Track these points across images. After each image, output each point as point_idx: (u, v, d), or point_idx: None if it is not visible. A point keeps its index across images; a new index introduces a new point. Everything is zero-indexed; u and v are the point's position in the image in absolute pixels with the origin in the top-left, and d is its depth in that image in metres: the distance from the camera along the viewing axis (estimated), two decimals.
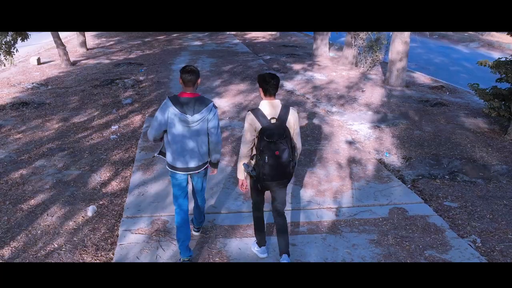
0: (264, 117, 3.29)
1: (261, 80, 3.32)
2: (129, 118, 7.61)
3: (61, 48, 11.79)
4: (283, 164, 3.28)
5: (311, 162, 5.81)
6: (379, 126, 7.45)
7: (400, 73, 10.65)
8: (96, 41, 17.07)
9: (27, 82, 9.98)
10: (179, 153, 3.47)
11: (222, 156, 5.89)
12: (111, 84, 9.95)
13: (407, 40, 10.43)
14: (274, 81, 3.29)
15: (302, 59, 13.96)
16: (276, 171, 3.30)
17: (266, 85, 3.30)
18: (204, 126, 3.45)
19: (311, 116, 7.80)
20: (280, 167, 3.29)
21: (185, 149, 3.46)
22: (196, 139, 3.46)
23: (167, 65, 12.31)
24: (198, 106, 3.37)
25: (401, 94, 9.76)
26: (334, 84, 10.50)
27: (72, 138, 6.61)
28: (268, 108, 3.32)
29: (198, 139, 3.47)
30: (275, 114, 3.31)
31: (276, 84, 3.31)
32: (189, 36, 19.12)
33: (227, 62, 13.00)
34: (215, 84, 10.00)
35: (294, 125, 3.41)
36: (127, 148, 6.23)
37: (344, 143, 6.51)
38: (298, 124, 3.48)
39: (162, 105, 3.44)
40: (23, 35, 9.70)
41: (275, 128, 3.27)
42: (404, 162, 6.02)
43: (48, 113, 7.79)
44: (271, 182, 3.37)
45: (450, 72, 13.43)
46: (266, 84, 3.30)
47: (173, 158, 3.51)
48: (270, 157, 3.24)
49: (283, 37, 19.75)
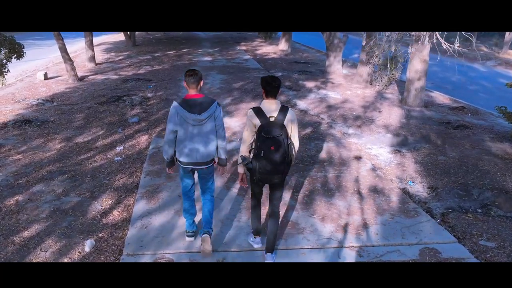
0: (264, 115, 3.56)
1: (263, 82, 3.61)
2: (135, 138, 7.23)
3: (68, 63, 11.55)
4: (278, 159, 3.55)
5: (329, 192, 5.35)
6: (399, 151, 6.98)
7: (419, 93, 10.20)
8: (105, 56, 16.88)
9: (32, 98, 9.70)
10: (188, 149, 3.77)
11: (232, 183, 5.47)
12: (118, 101, 9.63)
13: (426, 58, 10.02)
14: (275, 83, 3.59)
15: (314, 76, 13.59)
16: (271, 165, 3.56)
17: (268, 87, 3.59)
18: (212, 123, 3.76)
19: (327, 139, 7.36)
20: (275, 162, 3.55)
21: (194, 145, 3.76)
22: (204, 136, 3.77)
23: (176, 81, 11.99)
24: (205, 105, 3.69)
25: (420, 115, 9.30)
26: (349, 104, 10.07)
27: (74, 160, 6.24)
28: (268, 107, 3.60)
29: (206, 136, 3.77)
30: (274, 113, 3.58)
31: (277, 86, 3.60)
32: (199, 51, 18.90)
33: (237, 78, 12.66)
34: (226, 102, 9.63)
35: (291, 124, 3.65)
36: (131, 172, 5.83)
37: (364, 170, 6.05)
38: (296, 124, 3.73)
39: (171, 108, 3.75)
40: (18, 53, 9.17)
41: (273, 125, 3.54)
42: (430, 192, 5.53)
43: (51, 131, 7.44)
44: (266, 176, 3.63)
45: (468, 91, 12.95)
46: (268, 86, 3.59)
47: (183, 154, 3.80)
48: (266, 152, 3.51)
49: (295, 53, 19.46)
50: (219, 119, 3.81)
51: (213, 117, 3.74)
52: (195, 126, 3.71)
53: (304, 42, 25.14)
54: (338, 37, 14.68)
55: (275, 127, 3.53)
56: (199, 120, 3.69)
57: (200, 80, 3.74)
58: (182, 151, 3.79)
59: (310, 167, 6.09)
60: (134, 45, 20.04)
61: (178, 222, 4.53)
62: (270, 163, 3.55)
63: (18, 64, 14.50)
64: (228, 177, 5.66)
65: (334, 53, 14.75)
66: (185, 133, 3.74)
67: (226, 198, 5.11)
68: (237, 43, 23.40)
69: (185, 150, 3.77)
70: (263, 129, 3.53)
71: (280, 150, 3.54)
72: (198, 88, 3.75)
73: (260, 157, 3.55)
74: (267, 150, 3.51)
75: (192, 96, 3.73)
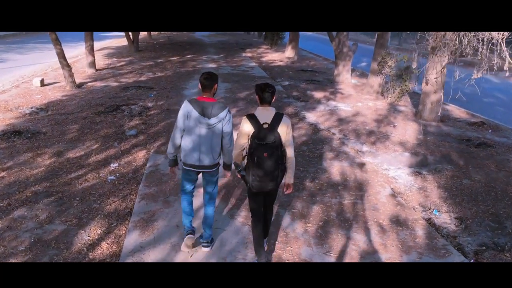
0: (257, 122, 3.55)
1: (258, 89, 3.61)
2: (131, 153, 6.67)
3: (66, 69, 11.04)
4: (271, 165, 3.53)
5: (346, 223, 4.76)
6: (420, 173, 6.38)
7: (435, 107, 9.62)
8: (107, 61, 16.39)
9: (26, 106, 9.16)
10: (194, 151, 3.74)
11: (236, 210, 4.89)
12: (116, 110, 9.08)
13: (444, 70, 9.44)
14: (269, 90, 3.57)
15: (323, 86, 13.04)
16: (263, 172, 3.53)
17: (262, 94, 3.58)
18: (219, 129, 3.71)
19: (340, 157, 6.77)
20: (268, 168, 3.53)
21: (199, 148, 3.73)
22: (211, 140, 3.72)
23: (179, 90, 11.46)
24: (215, 110, 3.64)
25: (437, 130, 8.71)
26: (361, 117, 9.49)
27: (64, 178, 5.67)
28: (262, 114, 3.59)
29: (213, 140, 3.73)
30: (268, 120, 3.55)
31: (271, 93, 3.58)
32: (203, 58, 18.40)
33: (243, 87, 12.12)
34: None
35: (285, 132, 3.60)
36: (125, 195, 5.25)
37: (383, 196, 5.46)
38: (290, 132, 3.67)
39: (182, 107, 3.72)
40: None
41: (267, 132, 3.52)
42: (459, 224, 4.93)
43: (41, 145, 6.89)
44: (260, 182, 3.58)
45: (484, 104, 12.32)
46: (262, 93, 3.58)
47: (187, 155, 3.77)
48: (259, 158, 3.49)
49: (301, 61, 18.93)
50: (228, 126, 3.75)
51: (222, 122, 3.69)
52: (203, 129, 3.68)
53: (311, 50, 24.64)
54: (347, 46, 14.14)
55: (269, 134, 3.52)
56: (208, 124, 3.66)
57: (214, 84, 3.72)
58: (187, 152, 3.76)
59: (323, 191, 5.50)
60: (137, 51, 19.56)
61: (176, 259, 3.95)
62: (263, 169, 3.52)
63: (16, 69, 14.09)
64: (232, 203, 5.08)
65: (343, 62, 14.21)
66: (193, 134, 3.71)
67: (230, 229, 4.53)
68: (242, 49, 22.91)
69: (190, 152, 3.75)
70: (256, 135, 3.52)
71: (273, 156, 3.52)
72: (212, 92, 3.73)
73: (253, 163, 3.53)
74: (260, 156, 3.50)
75: (204, 98, 3.70)
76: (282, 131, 3.57)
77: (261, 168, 3.52)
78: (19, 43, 21.32)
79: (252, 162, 3.55)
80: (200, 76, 3.75)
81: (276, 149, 3.54)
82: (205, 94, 3.71)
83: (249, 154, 3.58)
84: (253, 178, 3.58)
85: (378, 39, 12.17)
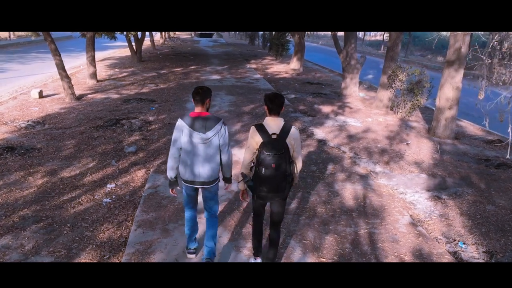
0: (266, 132, 3.48)
1: (267, 99, 3.54)
2: (129, 173, 6.24)
3: (65, 80, 10.68)
4: (278, 176, 3.46)
5: (364, 257, 4.29)
6: (439, 197, 5.92)
7: (449, 123, 9.19)
8: (109, 72, 16.08)
9: (22, 120, 8.78)
10: (192, 167, 3.65)
11: (242, 241, 4.43)
12: (115, 125, 8.69)
13: (459, 85, 9.03)
14: (278, 100, 3.51)
15: (330, 100, 12.64)
16: (271, 184, 3.47)
17: (271, 104, 3.51)
18: (216, 143, 3.65)
19: (352, 179, 6.33)
20: (275, 180, 3.46)
21: (197, 163, 3.64)
22: (209, 155, 3.64)
23: (182, 103, 11.08)
24: (210, 124, 3.58)
25: (453, 149, 8.25)
26: (372, 133, 9.05)
27: (55, 201, 5.25)
28: (271, 124, 3.52)
29: (211, 155, 3.65)
30: (276, 130, 3.49)
31: (280, 103, 3.51)
32: (207, 69, 18.08)
33: (247, 100, 11.73)
34: (235, 129, 8.66)
35: (294, 143, 3.53)
36: (120, 222, 4.81)
37: (402, 224, 5.00)
38: (299, 142, 3.59)
39: (176, 126, 3.65)
40: None
41: (275, 143, 3.45)
42: (489, 259, 4.46)
43: (34, 162, 6.48)
44: (267, 194, 3.54)
45: (497, 120, 11.86)
46: (271, 103, 3.51)
47: (186, 172, 3.68)
48: (267, 169, 3.42)
49: (307, 73, 18.58)
50: (224, 138, 3.69)
51: (217, 136, 3.63)
52: (199, 144, 3.61)
53: (316, 61, 24.32)
54: (355, 58, 13.78)
55: (277, 145, 3.45)
56: (204, 138, 3.59)
57: (206, 98, 3.65)
58: (185, 169, 3.69)
59: (336, 219, 5.05)
60: (140, 61, 19.27)
61: None
62: (271, 181, 3.47)
63: (16, 79, 13.78)
64: (237, 232, 4.63)
65: (351, 74, 13.84)
66: (190, 151, 3.63)
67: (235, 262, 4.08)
68: (247, 60, 22.62)
69: (188, 168, 3.67)
70: (264, 146, 3.45)
71: (281, 168, 3.45)
72: (205, 106, 3.66)
73: (260, 174, 3.47)
74: (268, 167, 3.43)
75: (198, 113, 3.63)
76: (290, 142, 3.50)
77: (268, 179, 3.45)
78: (20, 52, 21.08)
79: (259, 173, 3.47)
80: (193, 92, 3.67)
81: (284, 160, 3.45)
82: (198, 108, 3.65)
83: (257, 165, 3.51)
84: (260, 189, 3.52)
85: (388, 51, 11.78)
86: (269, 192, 3.53)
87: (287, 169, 3.49)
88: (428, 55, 30.89)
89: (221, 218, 4.82)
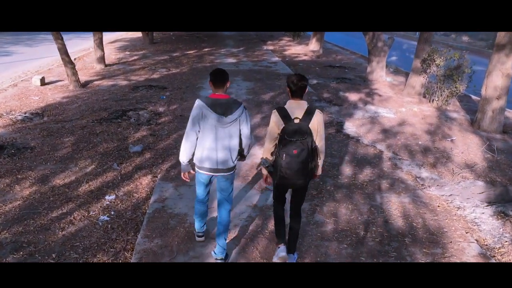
0: (288, 116, 3.33)
1: (289, 82, 3.39)
2: (133, 179, 5.33)
3: (69, 66, 9.76)
4: (300, 163, 3.29)
5: None
6: (506, 214, 4.86)
7: (497, 115, 8.04)
8: (119, 55, 15.12)
9: (19, 111, 7.93)
10: (210, 153, 3.44)
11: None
12: (121, 117, 7.77)
13: (510, 72, 7.83)
14: (301, 83, 3.35)
15: (355, 86, 11.49)
16: (292, 170, 3.31)
17: (294, 86, 3.36)
18: (236, 128, 3.47)
19: (397, 188, 5.31)
20: (296, 166, 3.30)
21: (216, 149, 3.44)
22: (228, 141, 3.45)
23: (195, 90, 10.09)
24: (231, 107, 3.40)
25: (506, 146, 7.14)
26: (409, 127, 7.96)
27: (42, 219, 4.37)
28: (293, 108, 3.37)
29: (230, 141, 3.46)
30: (299, 115, 3.34)
31: (303, 86, 3.36)
32: (222, 51, 16.99)
33: (266, 87, 10.68)
34: (254, 122, 7.66)
35: (318, 128, 3.37)
36: (117, 252, 3.90)
37: (469, 256, 3.98)
38: (323, 127, 3.42)
39: (194, 107, 3.42)
40: None
41: (297, 128, 3.29)
42: None
43: (25, 165, 5.61)
44: (288, 180, 3.38)
45: None
46: (294, 86, 3.36)
47: (202, 158, 3.47)
48: (288, 155, 3.28)
49: (327, 55, 17.34)
50: (246, 125, 3.51)
51: (238, 121, 3.44)
52: (218, 128, 3.41)
53: (336, 42, 22.94)
54: (382, 40, 12.53)
55: (300, 130, 3.28)
56: (223, 122, 3.38)
57: (226, 81, 3.47)
58: (201, 155, 3.48)
59: (385, 247, 4.06)
60: (152, 43, 18.27)
61: None
62: (292, 167, 3.30)
63: (21, 63, 12.93)
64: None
65: (378, 58, 12.62)
66: (207, 135, 3.43)
67: None
68: (263, 41, 21.40)
69: (205, 154, 3.46)
70: (286, 131, 3.30)
71: (303, 154, 3.28)
72: (225, 89, 3.47)
73: (281, 161, 3.31)
74: (289, 153, 3.28)
75: (217, 96, 3.44)
76: (314, 126, 3.33)
77: (289, 166, 3.29)
78: (29, 34, 20.21)
79: (280, 159, 3.31)
80: (211, 74, 3.45)
81: (307, 146, 3.28)
82: (218, 91, 3.44)
83: (278, 151, 3.36)
84: (281, 175, 3.35)
85: (422, 32, 10.53)
86: (291, 179, 3.36)
87: (309, 155, 3.31)
88: (452, 34, 29.11)
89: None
